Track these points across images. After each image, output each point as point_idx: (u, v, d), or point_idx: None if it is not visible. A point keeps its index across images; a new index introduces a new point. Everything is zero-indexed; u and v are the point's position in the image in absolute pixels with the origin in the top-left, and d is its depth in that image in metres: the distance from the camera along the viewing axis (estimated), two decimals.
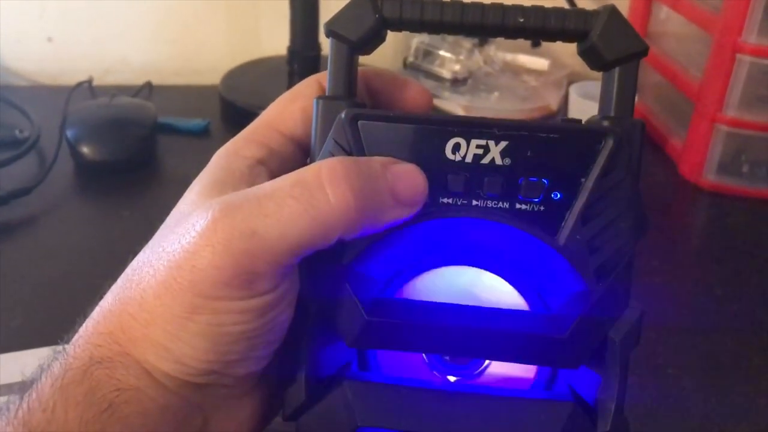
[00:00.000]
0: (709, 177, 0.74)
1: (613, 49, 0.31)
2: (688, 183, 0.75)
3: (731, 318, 0.55)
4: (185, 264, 0.27)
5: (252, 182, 0.30)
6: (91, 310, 0.30)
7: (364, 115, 0.30)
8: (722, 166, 0.74)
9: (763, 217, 0.70)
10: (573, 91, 0.84)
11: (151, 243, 0.30)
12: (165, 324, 0.28)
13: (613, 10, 0.31)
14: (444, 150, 0.30)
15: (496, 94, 0.85)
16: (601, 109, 0.33)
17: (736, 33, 0.68)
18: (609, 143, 0.30)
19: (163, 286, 0.27)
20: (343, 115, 0.30)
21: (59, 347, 0.29)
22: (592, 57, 0.32)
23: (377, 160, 0.29)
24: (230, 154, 0.32)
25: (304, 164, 0.31)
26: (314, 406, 0.31)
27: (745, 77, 0.69)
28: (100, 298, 0.30)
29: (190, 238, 0.27)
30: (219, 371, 0.29)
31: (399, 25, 0.32)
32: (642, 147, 0.31)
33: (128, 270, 0.30)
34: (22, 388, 0.28)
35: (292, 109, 0.33)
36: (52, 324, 0.51)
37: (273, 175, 0.31)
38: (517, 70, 0.90)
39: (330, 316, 0.30)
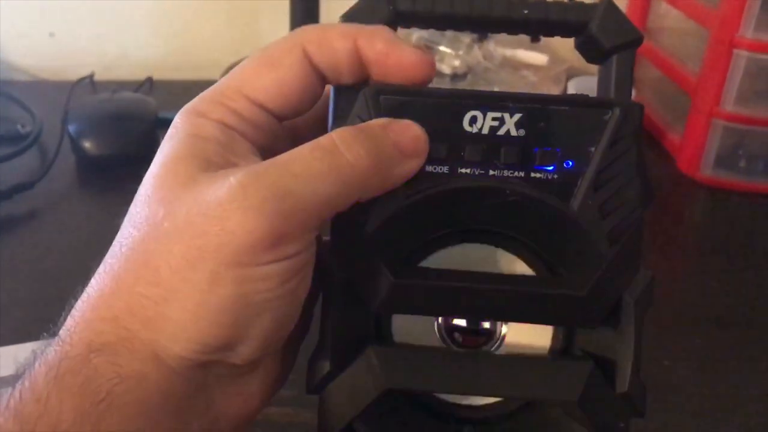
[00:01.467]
0: (707, 171, 0.74)
1: (611, 38, 0.33)
2: (685, 177, 0.75)
3: (727, 311, 0.56)
4: (211, 229, 0.26)
5: (230, 147, 0.30)
6: (80, 288, 0.29)
7: (385, 90, 0.31)
8: (719, 160, 0.74)
9: (760, 211, 0.70)
10: (572, 86, 0.85)
11: (139, 224, 0.29)
12: (184, 299, 0.27)
13: (610, 2, 0.34)
14: (462, 122, 0.31)
15: (495, 89, 0.85)
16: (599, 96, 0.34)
17: (733, 28, 0.68)
18: (616, 113, 0.31)
19: (183, 258, 0.27)
20: (365, 91, 0.31)
21: (53, 336, 0.28)
22: (590, 48, 0.34)
23: (376, 122, 0.30)
24: (196, 116, 0.30)
25: (286, 133, 0.31)
26: (338, 375, 0.31)
27: (742, 72, 0.69)
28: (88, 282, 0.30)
29: (213, 206, 0.27)
30: (234, 348, 0.28)
31: (411, 18, 0.34)
32: (642, 125, 0.32)
33: (121, 251, 0.29)
34: (15, 377, 0.27)
35: (266, 79, 0.31)
36: (54, 318, 0.52)
37: (251, 142, 0.31)
38: (516, 66, 0.90)
39: (355, 284, 0.31)
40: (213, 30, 0.96)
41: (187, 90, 0.96)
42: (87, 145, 0.72)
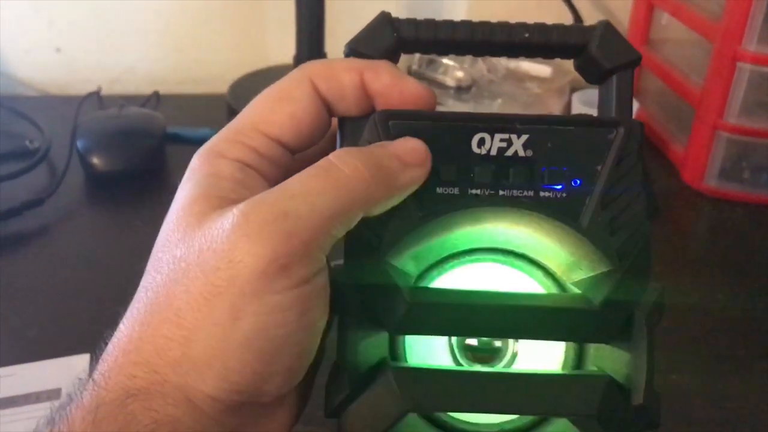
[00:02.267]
0: (711, 183, 0.75)
1: (610, 58, 0.34)
2: (689, 189, 0.76)
3: (733, 323, 0.56)
4: (221, 263, 0.27)
5: (247, 184, 0.30)
6: (109, 332, 0.30)
7: (395, 115, 0.32)
8: (724, 172, 0.74)
9: (765, 222, 0.71)
10: (576, 98, 0.85)
11: (161, 267, 0.29)
12: (207, 338, 0.27)
13: (608, 24, 0.35)
14: (470, 144, 0.32)
15: (499, 101, 0.86)
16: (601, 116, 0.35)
17: (736, 41, 0.69)
18: (620, 132, 0.32)
19: (202, 296, 0.27)
20: (375, 117, 0.32)
21: (86, 378, 0.29)
22: (590, 68, 0.35)
23: (372, 144, 0.31)
24: (214, 156, 0.31)
25: (297, 166, 0.32)
26: (357, 399, 0.32)
27: (745, 84, 0.70)
28: (116, 323, 0.30)
29: (220, 239, 0.27)
30: (261, 386, 0.28)
31: (414, 44, 0.35)
32: (643, 142, 0.33)
33: (146, 295, 0.29)
34: (50, 420, 0.27)
35: (280, 113, 0.32)
36: (67, 334, 0.52)
37: (266, 178, 0.31)
38: (520, 78, 0.90)
39: (370, 307, 0.32)
40: (219, 44, 0.97)
41: (193, 104, 0.98)
42: (96, 160, 0.72)
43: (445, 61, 0.88)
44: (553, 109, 0.87)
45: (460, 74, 0.87)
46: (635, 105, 0.82)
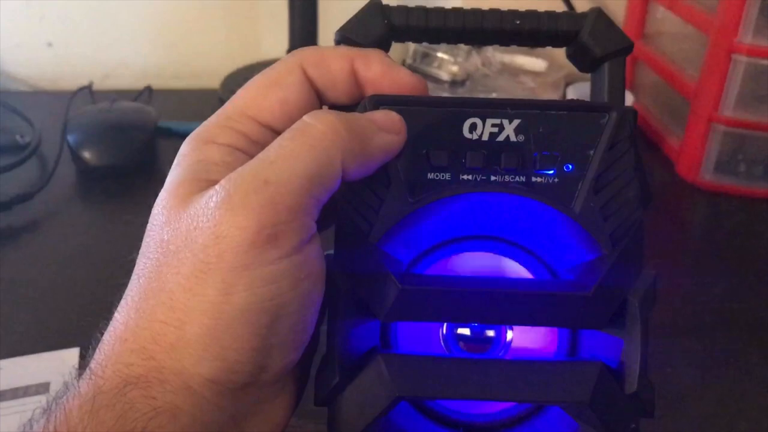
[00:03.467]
0: (707, 176, 0.74)
1: (602, 46, 0.34)
2: (685, 182, 0.75)
3: (729, 316, 0.56)
4: (209, 240, 0.27)
5: (236, 167, 0.30)
6: (104, 322, 0.30)
7: (385, 99, 0.32)
8: (719, 165, 0.74)
9: (760, 216, 0.70)
10: (570, 92, 0.85)
11: (150, 252, 0.29)
12: (200, 318, 0.27)
13: (599, 12, 0.34)
14: (462, 130, 0.32)
15: (494, 95, 0.85)
16: None
17: (731, 33, 0.68)
18: (613, 117, 0.32)
19: (192, 275, 0.27)
20: (366, 101, 0.32)
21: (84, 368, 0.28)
22: (582, 56, 0.35)
23: None
24: (204, 142, 0.31)
25: None
26: (347, 386, 0.31)
27: (741, 77, 0.69)
28: (110, 314, 0.30)
29: (205, 217, 0.27)
30: (259, 362, 0.28)
31: (406, 32, 0.35)
32: (636, 128, 0.33)
33: (138, 282, 0.29)
34: (45, 410, 0.27)
35: (270, 99, 0.32)
36: (57, 329, 0.52)
37: None
38: (514, 72, 0.90)
39: (361, 294, 0.31)
40: (212, 39, 0.96)
41: (186, 98, 0.97)
42: (86, 155, 0.72)
43: (440, 54, 0.87)
44: None
45: (454, 68, 0.87)
46: (630, 98, 0.81)
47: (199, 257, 0.27)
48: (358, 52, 0.32)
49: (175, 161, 0.31)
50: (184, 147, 0.31)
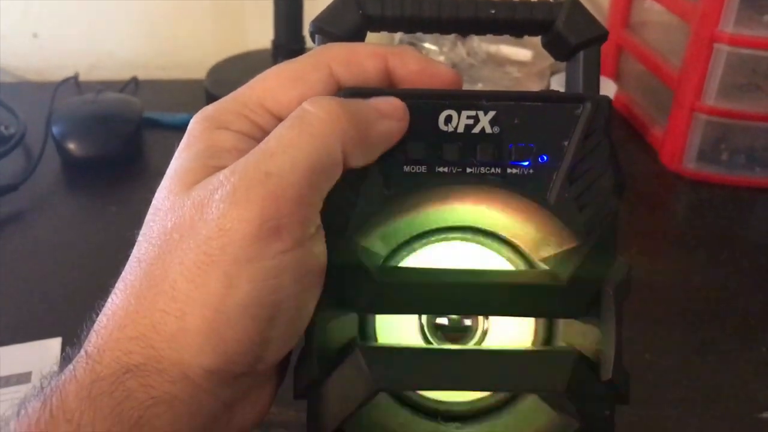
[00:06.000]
0: (689, 165, 0.75)
1: (577, 34, 0.34)
2: (668, 171, 0.76)
3: (708, 304, 0.56)
4: (212, 232, 0.27)
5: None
6: (95, 309, 0.29)
7: (360, 92, 0.32)
8: (702, 154, 0.75)
9: (742, 204, 0.71)
10: (555, 81, 0.85)
11: (153, 237, 0.29)
12: (202, 309, 0.27)
13: (574, 1, 0.34)
14: (437, 122, 0.32)
15: (479, 85, 0.86)
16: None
17: (713, 23, 0.69)
18: (587, 107, 0.32)
19: (195, 267, 0.27)
20: (340, 94, 0.31)
21: (77, 351, 0.28)
22: (557, 45, 0.35)
23: None
24: (216, 127, 0.30)
25: None
26: (326, 379, 0.31)
27: (723, 66, 0.70)
28: (99, 298, 0.29)
29: (209, 208, 0.27)
30: (257, 354, 0.28)
31: (381, 22, 0.34)
32: (611, 118, 0.33)
33: (139, 267, 0.29)
34: (39, 391, 0.27)
35: (290, 94, 0.30)
36: (40, 319, 0.52)
37: None
38: (500, 62, 0.90)
39: (339, 287, 0.31)
40: (198, 30, 0.96)
41: (172, 89, 0.97)
42: (71, 146, 0.71)
43: (426, 45, 0.88)
44: None
45: (440, 58, 0.87)
46: (614, 87, 0.82)
47: (202, 249, 0.27)
48: (390, 50, 0.32)
49: (184, 142, 0.31)
50: (195, 128, 0.31)
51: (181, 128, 0.31)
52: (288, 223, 0.27)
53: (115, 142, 0.73)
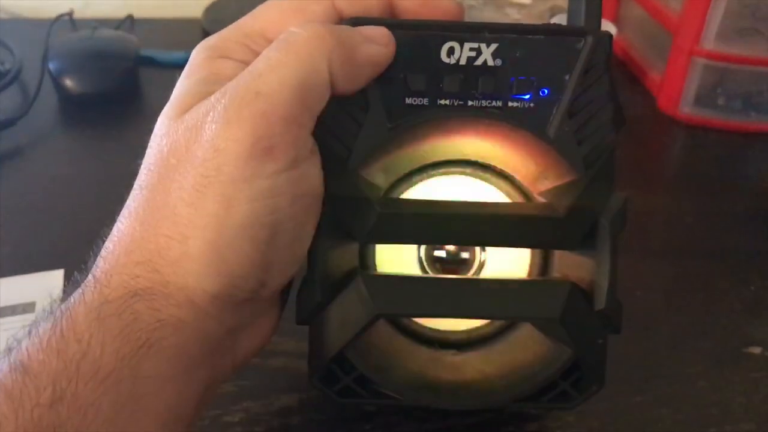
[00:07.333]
0: (686, 109, 0.75)
1: None
2: (665, 116, 0.76)
3: (699, 244, 0.57)
4: (207, 153, 0.27)
5: None
6: (101, 236, 0.30)
7: (363, 21, 0.32)
8: (699, 98, 0.75)
9: (737, 148, 0.71)
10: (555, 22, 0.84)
11: (151, 164, 0.29)
12: (203, 231, 0.27)
13: None
14: (440, 53, 0.32)
15: None
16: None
17: None
18: (589, 41, 0.32)
19: (194, 189, 0.27)
20: (343, 23, 0.32)
21: (85, 277, 0.29)
22: None
23: None
24: (218, 56, 0.31)
25: None
26: (328, 305, 0.32)
27: (722, 10, 0.69)
28: (99, 230, 0.30)
29: (203, 130, 0.28)
30: (260, 277, 0.29)
31: None
32: (611, 53, 0.33)
33: (141, 194, 0.29)
34: (50, 313, 0.27)
35: (291, 25, 0.30)
36: (41, 251, 0.53)
37: None
38: (500, 4, 0.89)
39: (341, 218, 0.32)
40: None
41: (168, 27, 0.96)
42: (68, 83, 0.71)
43: None
44: None
45: None
46: (614, 30, 0.81)
47: (198, 171, 0.27)
48: None
49: (186, 71, 0.31)
50: (197, 57, 0.31)
51: (177, 66, 0.31)
52: (280, 143, 0.28)
53: (112, 78, 0.73)
